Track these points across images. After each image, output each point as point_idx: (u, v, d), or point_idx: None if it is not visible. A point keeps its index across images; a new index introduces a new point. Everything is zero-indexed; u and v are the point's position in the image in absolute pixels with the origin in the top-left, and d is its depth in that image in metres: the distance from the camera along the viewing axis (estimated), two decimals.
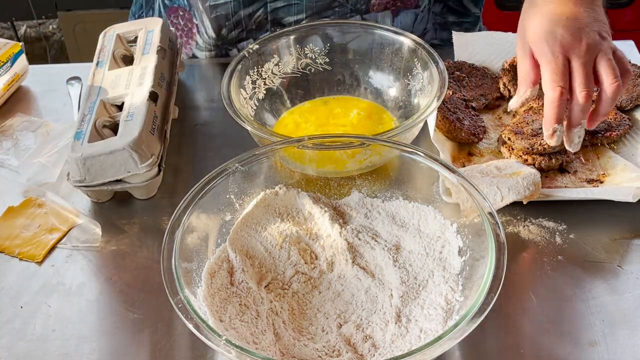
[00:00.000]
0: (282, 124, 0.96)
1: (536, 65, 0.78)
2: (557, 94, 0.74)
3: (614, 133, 0.89)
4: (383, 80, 0.98)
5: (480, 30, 1.19)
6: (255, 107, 0.94)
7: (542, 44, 0.76)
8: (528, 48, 0.79)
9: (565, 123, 0.77)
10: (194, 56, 1.17)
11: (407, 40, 0.94)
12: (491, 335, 0.70)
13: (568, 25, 0.76)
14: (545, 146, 0.83)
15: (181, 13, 1.14)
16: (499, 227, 0.67)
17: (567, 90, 0.74)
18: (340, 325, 0.70)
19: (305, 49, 0.99)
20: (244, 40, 1.11)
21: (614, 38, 0.80)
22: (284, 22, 1.08)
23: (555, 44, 0.75)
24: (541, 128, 0.80)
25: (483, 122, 0.94)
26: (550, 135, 0.77)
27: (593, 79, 0.75)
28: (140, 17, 1.21)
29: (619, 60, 0.77)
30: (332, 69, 0.99)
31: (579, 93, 0.74)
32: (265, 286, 0.74)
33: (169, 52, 1.01)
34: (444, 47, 1.11)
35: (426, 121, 0.89)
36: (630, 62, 0.99)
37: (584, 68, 0.74)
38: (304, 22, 1.07)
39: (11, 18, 2.49)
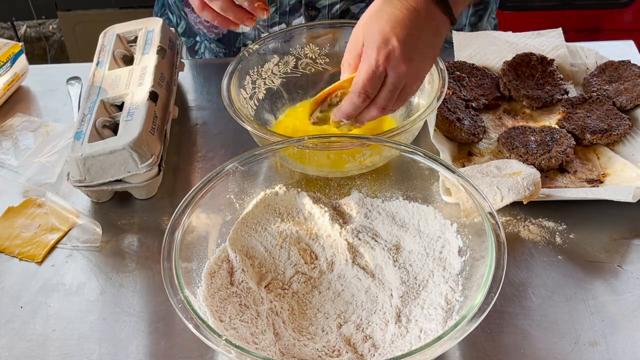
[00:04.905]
0: (281, 125, 0.96)
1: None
2: (361, 100, 0.76)
3: (614, 133, 0.89)
4: None
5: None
6: (255, 107, 0.94)
7: (372, 49, 0.75)
8: (361, 41, 0.77)
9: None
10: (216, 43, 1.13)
11: None
12: (491, 335, 0.70)
13: (404, 40, 0.75)
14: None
15: None
16: (499, 227, 0.67)
17: (371, 99, 0.76)
18: (340, 325, 0.70)
19: (305, 49, 0.99)
20: (276, 24, 1.09)
21: (614, 38, 0.79)
22: (317, 6, 1.06)
23: (381, 54, 0.74)
24: None
25: (483, 122, 0.94)
26: (336, 125, 0.80)
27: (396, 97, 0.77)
28: (163, 14, 1.20)
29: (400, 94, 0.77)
30: (332, 69, 0.99)
31: (376, 104, 0.77)
32: (265, 286, 0.74)
33: (169, 52, 1.01)
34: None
35: (426, 121, 0.89)
36: (630, 62, 0.99)
37: (393, 87, 0.76)
38: (337, 6, 1.06)
39: (11, 18, 2.49)
